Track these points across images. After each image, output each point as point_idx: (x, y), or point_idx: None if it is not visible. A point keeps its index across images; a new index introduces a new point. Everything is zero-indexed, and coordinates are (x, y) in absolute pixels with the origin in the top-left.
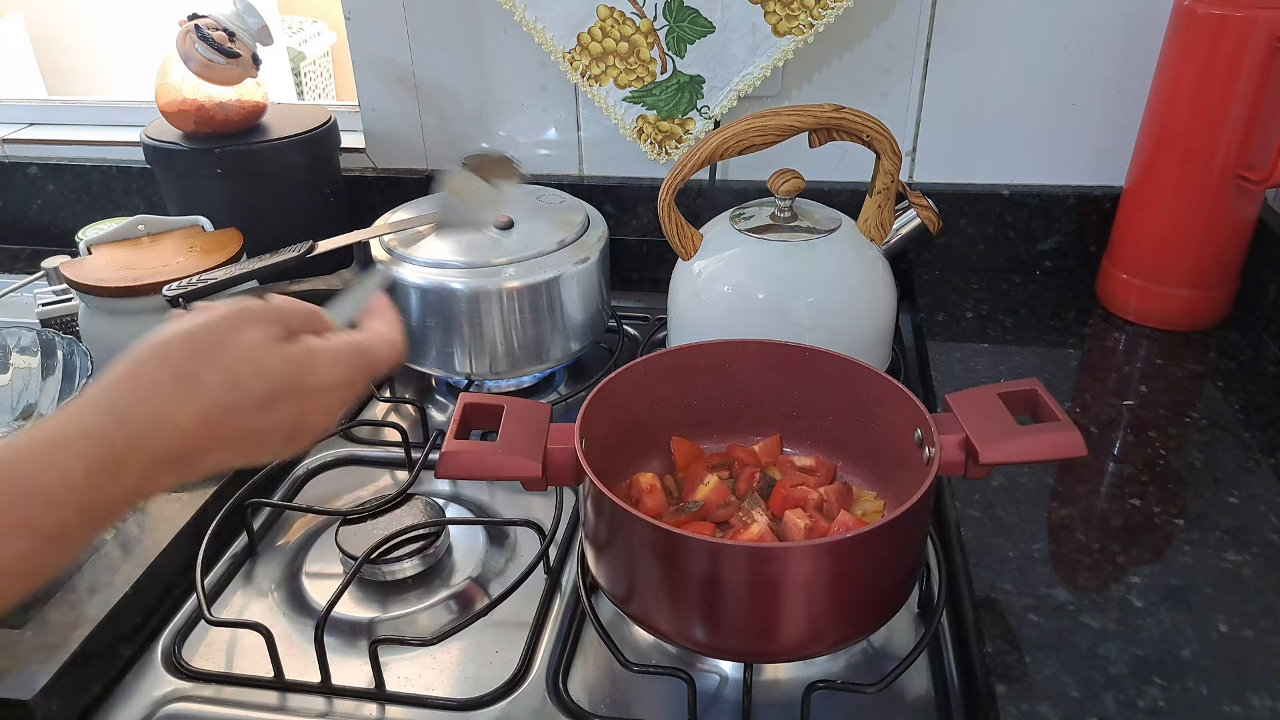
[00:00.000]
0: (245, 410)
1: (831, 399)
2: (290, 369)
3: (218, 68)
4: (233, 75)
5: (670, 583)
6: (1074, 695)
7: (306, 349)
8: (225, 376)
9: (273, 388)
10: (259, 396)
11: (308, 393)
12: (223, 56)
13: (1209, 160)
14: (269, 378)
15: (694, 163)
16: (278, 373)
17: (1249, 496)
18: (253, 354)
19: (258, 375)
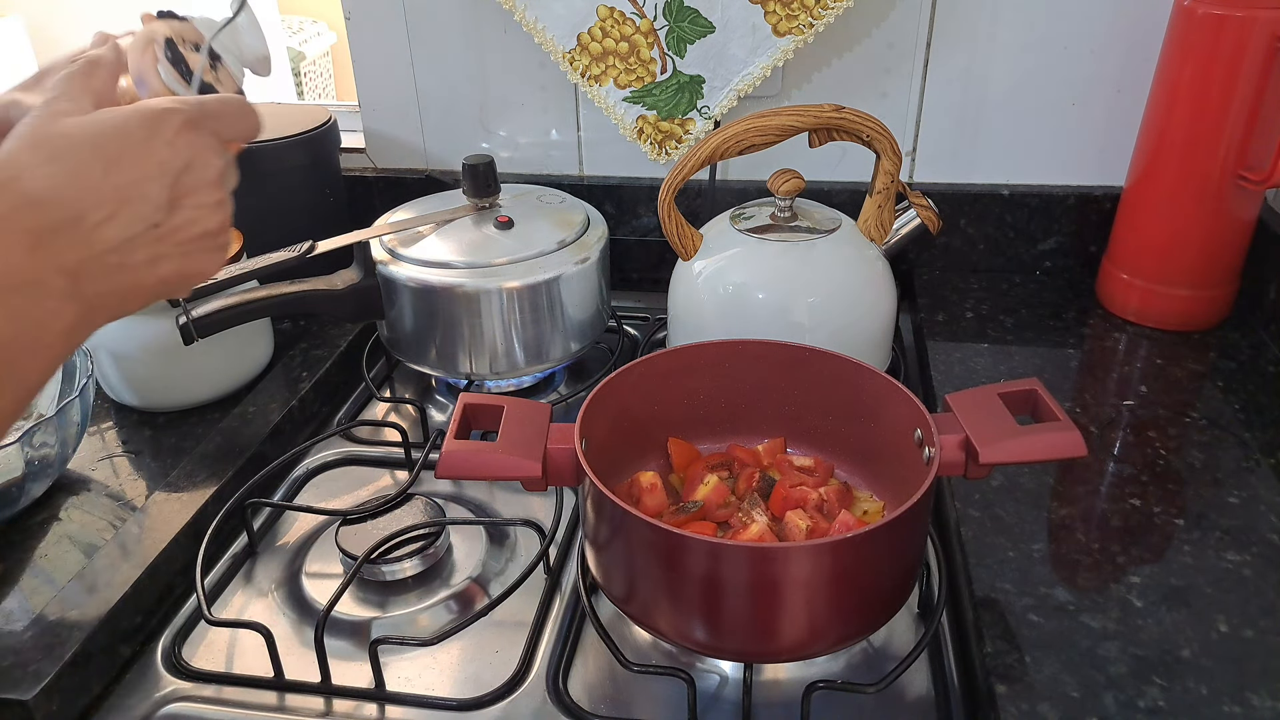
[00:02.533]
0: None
1: (831, 399)
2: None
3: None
4: None
5: (670, 583)
6: (1074, 695)
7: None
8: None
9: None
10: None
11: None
12: (188, 88)
13: (1209, 160)
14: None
15: (694, 163)
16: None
17: (1249, 496)
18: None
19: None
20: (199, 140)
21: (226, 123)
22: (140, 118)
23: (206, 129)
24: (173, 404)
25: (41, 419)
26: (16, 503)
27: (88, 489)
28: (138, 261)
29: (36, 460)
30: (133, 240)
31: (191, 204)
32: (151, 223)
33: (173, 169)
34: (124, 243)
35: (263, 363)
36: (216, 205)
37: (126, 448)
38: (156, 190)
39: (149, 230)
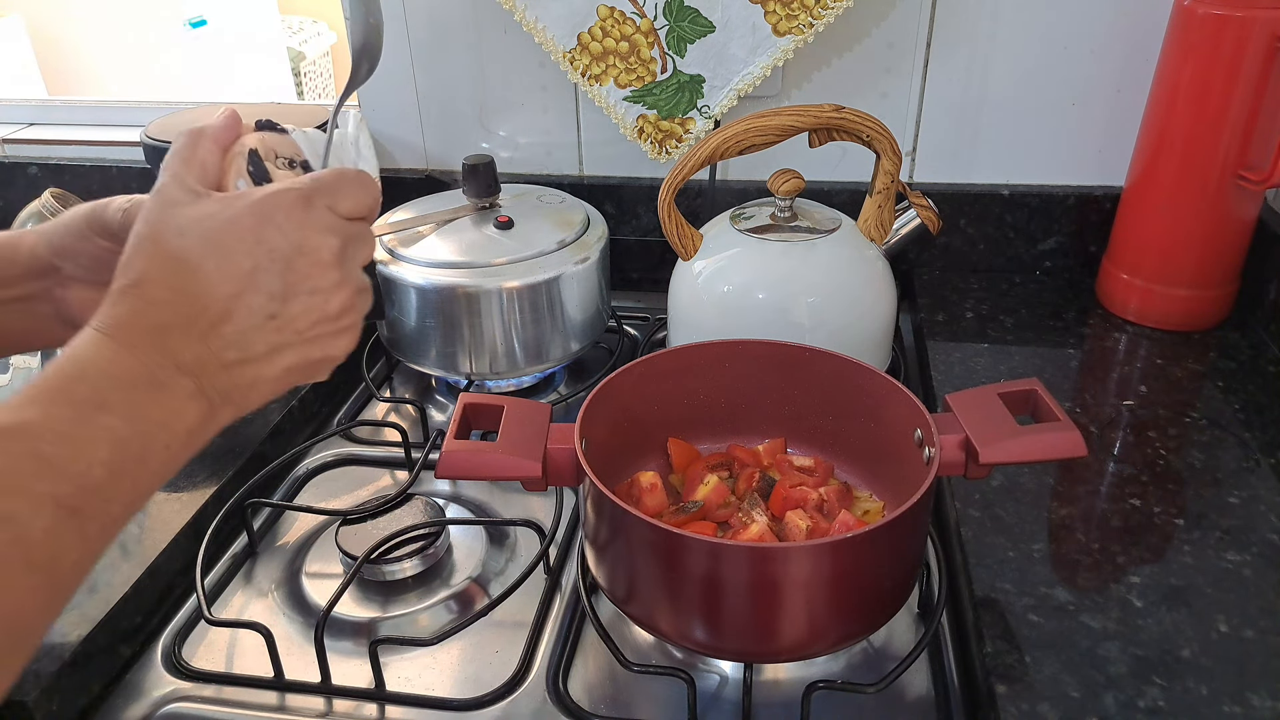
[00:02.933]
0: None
1: (831, 399)
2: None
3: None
4: None
5: (670, 583)
6: (1074, 695)
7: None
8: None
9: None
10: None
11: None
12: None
13: (1209, 160)
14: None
15: (694, 163)
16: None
17: (1249, 496)
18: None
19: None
20: (311, 219)
21: (342, 197)
22: (249, 206)
23: (319, 206)
24: None
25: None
26: None
27: None
28: (258, 354)
29: None
30: (250, 333)
31: (307, 289)
32: (267, 314)
33: (283, 255)
34: (241, 337)
35: None
36: (334, 286)
37: None
38: (269, 280)
39: (266, 322)
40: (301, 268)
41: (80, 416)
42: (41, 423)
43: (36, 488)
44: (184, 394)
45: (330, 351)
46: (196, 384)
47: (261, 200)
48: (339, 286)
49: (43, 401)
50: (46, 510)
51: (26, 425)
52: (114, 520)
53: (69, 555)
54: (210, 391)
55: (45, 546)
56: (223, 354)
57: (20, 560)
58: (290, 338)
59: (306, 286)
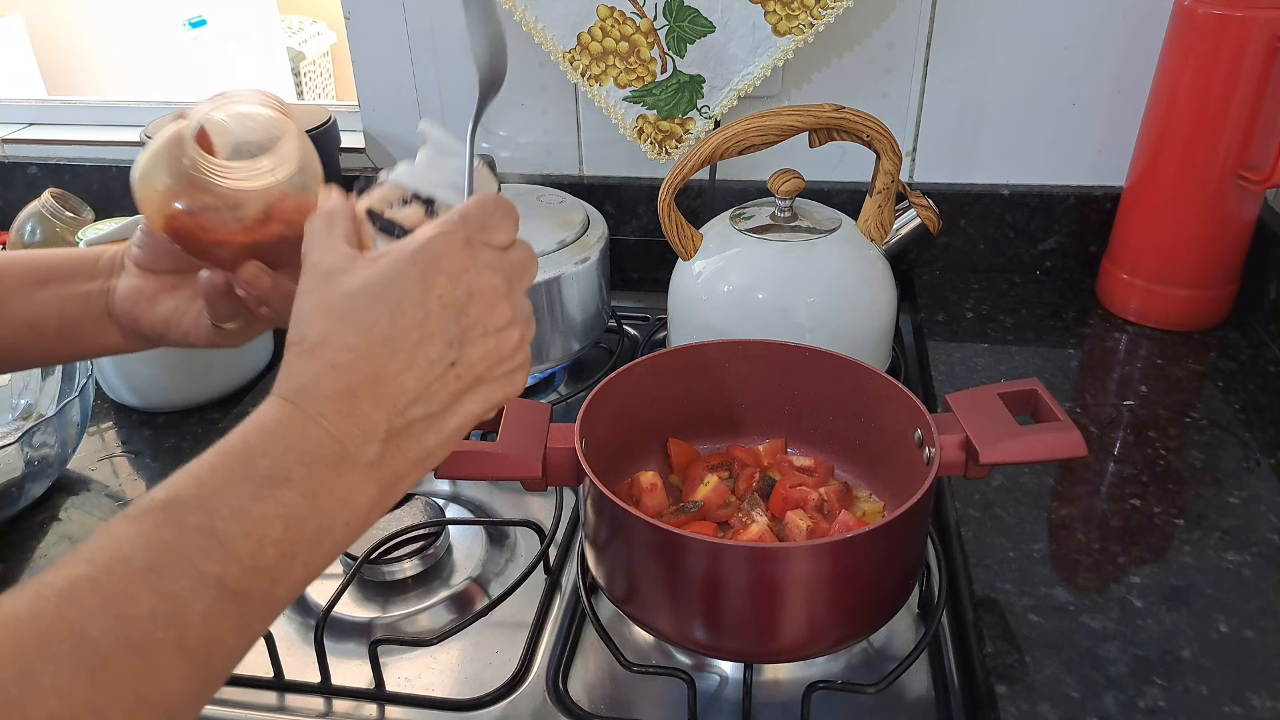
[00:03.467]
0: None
1: (831, 399)
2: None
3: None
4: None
5: (670, 583)
6: (1074, 695)
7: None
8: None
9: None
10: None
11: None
12: (383, 236)
13: (1209, 160)
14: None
15: (694, 163)
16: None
17: (1249, 496)
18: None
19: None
20: (474, 259)
21: (493, 228)
22: (411, 255)
23: (477, 244)
24: (173, 404)
25: (41, 419)
26: (16, 503)
27: (88, 489)
28: (442, 405)
29: (36, 460)
30: (434, 385)
31: (481, 330)
32: (447, 362)
33: (455, 300)
34: (425, 390)
35: (262, 363)
36: (507, 324)
37: (126, 448)
38: (445, 327)
39: (447, 371)
40: (474, 311)
41: (259, 493)
42: (219, 496)
43: (203, 566)
44: (366, 465)
45: (509, 390)
46: (383, 453)
47: (422, 248)
48: (511, 324)
49: (223, 471)
50: (209, 592)
51: (204, 498)
52: (277, 603)
53: (225, 641)
54: (397, 459)
55: (202, 630)
56: (409, 411)
57: (174, 644)
58: (470, 383)
59: (480, 329)
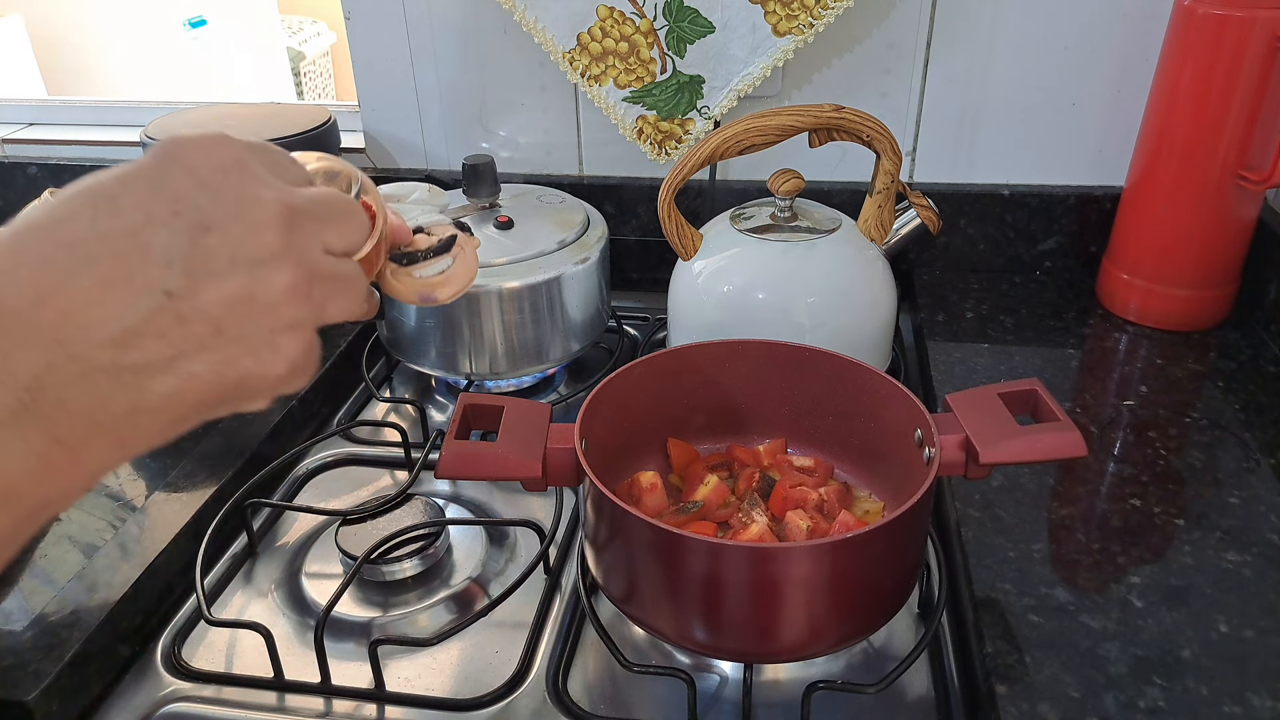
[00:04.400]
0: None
1: (831, 399)
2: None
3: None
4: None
5: (670, 583)
6: (1074, 695)
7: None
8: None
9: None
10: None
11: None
12: (444, 258)
13: (1209, 160)
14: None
15: (694, 163)
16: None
17: (1249, 496)
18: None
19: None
20: (243, 168)
21: (282, 162)
22: (157, 146)
23: (253, 159)
24: None
25: None
26: None
27: None
28: (144, 357)
29: None
30: (132, 321)
31: (228, 259)
32: (162, 289)
33: (197, 208)
34: (120, 327)
35: None
36: (273, 259)
37: None
38: (168, 239)
39: (162, 304)
40: (222, 231)
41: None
42: None
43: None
44: (4, 417)
45: (267, 365)
46: (26, 404)
47: (175, 139)
48: (278, 260)
49: None
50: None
51: None
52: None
53: None
54: (57, 415)
55: None
56: (90, 355)
57: None
58: (201, 333)
59: (226, 257)
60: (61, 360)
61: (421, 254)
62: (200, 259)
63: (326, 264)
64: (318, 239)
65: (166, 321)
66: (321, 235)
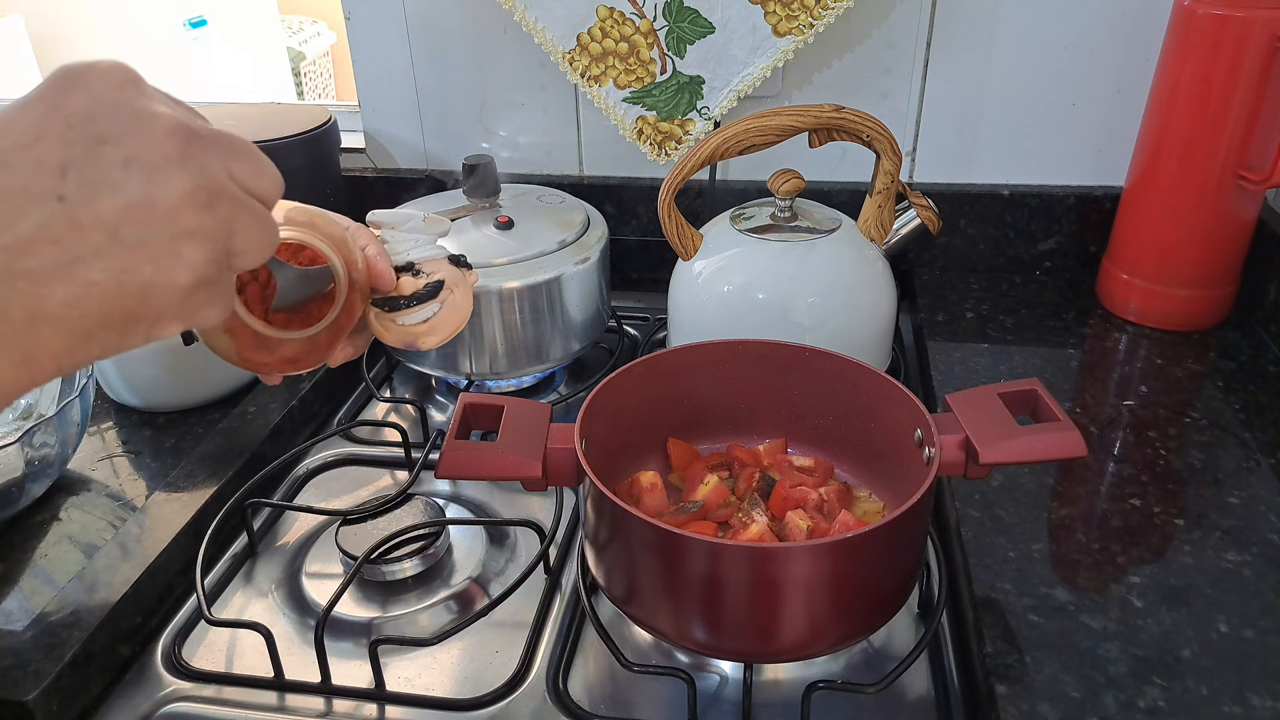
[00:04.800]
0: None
1: (831, 399)
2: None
3: (420, 324)
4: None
5: (670, 583)
6: (1074, 695)
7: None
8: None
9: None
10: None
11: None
12: (429, 305)
13: (1209, 160)
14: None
15: (694, 163)
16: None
17: (1249, 496)
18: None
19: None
20: (142, 89)
21: (180, 103)
22: (60, 70)
23: (152, 89)
24: (173, 404)
25: (41, 419)
26: (16, 503)
27: (88, 489)
28: (39, 264)
29: (36, 460)
30: (24, 227)
31: (122, 164)
32: (54, 195)
33: (92, 122)
34: (17, 239)
35: None
36: (166, 164)
37: (126, 448)
38: (60, 149)
39: (53, 208)
40: (119, 141)
41: None
42: None
43: None
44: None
45: (167, 271)
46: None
47: (74, 64)
48: (175, 168)
49: None
50: None
51: None
52: None
53: None
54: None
55: None
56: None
57: None
58: (97, 239)
59: (120, 163)
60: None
61: (405, 300)
62: (94, 167)
63: (230, 186)
64: (221, 163)
65: (61, 228)
66: (225, 161)
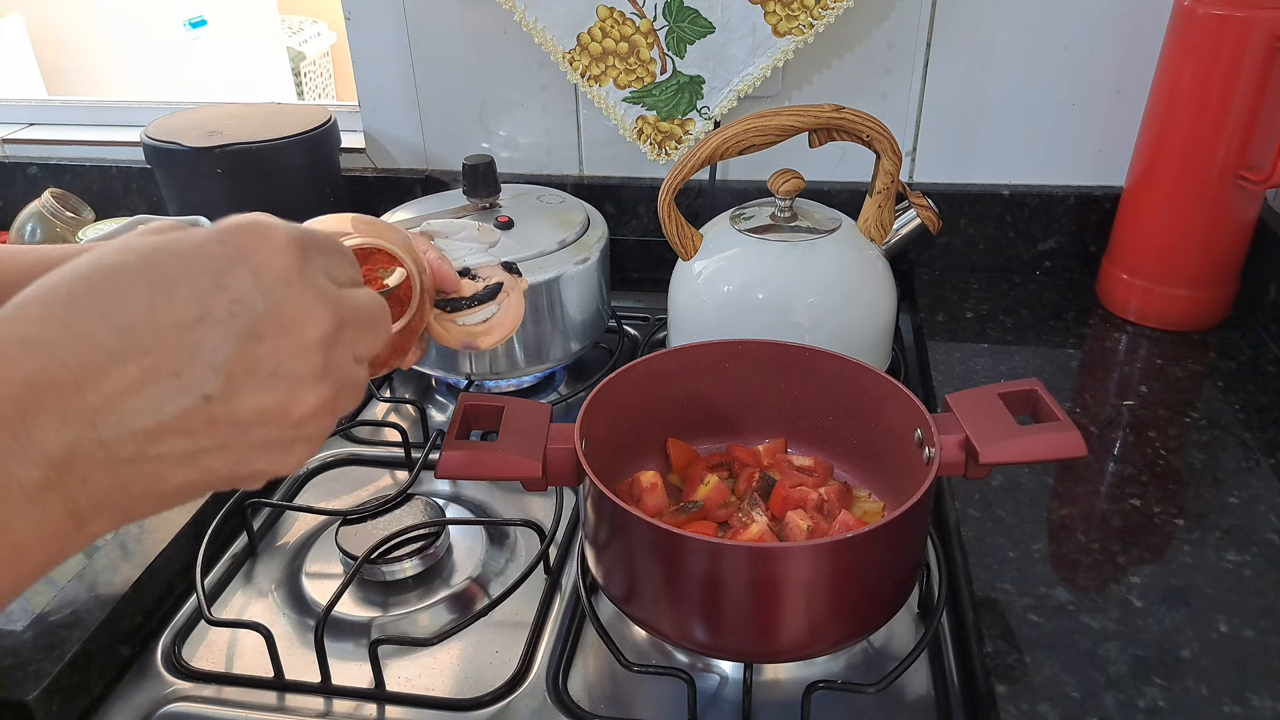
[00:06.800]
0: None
1: (831, 399)
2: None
3: (480, 323)
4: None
5: (670, 583)
6: (1074, 695)
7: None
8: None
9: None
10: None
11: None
12: (488, 306)
13: (1209, 160)
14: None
15: (694, 163)
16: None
17: (1249, 496)
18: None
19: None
20: (303, 273)
21: (336, 256)
22: (221, 230)
23: (315, 257)
24: None
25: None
26: None
27: None
28: (170, 451)
29: None
30: (170, 419)
31: (270, 371)
32: (202, 393)
33: (252, 312)
34: (154, 422)
35: None
36: (311, 378)
37: None
38: (219, 341)
39: (198, 406)
40: (272, 341)
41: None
42: None
43: None
44: (25, 491)
45: (274, 465)
46: (51, 483)
47: (241, 226)
48: (316, 380)
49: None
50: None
51: None
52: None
53: None
54: (80, 495)
55: None
56: (119, 443)
57: None
58: (226, 435)
59: (269, 369)
60: (92, 444)
61: (466, 301)
62: (244, 367)
63: (351, 374)
64: (351, 350)
65: (198, 422)
66: (355, 346)
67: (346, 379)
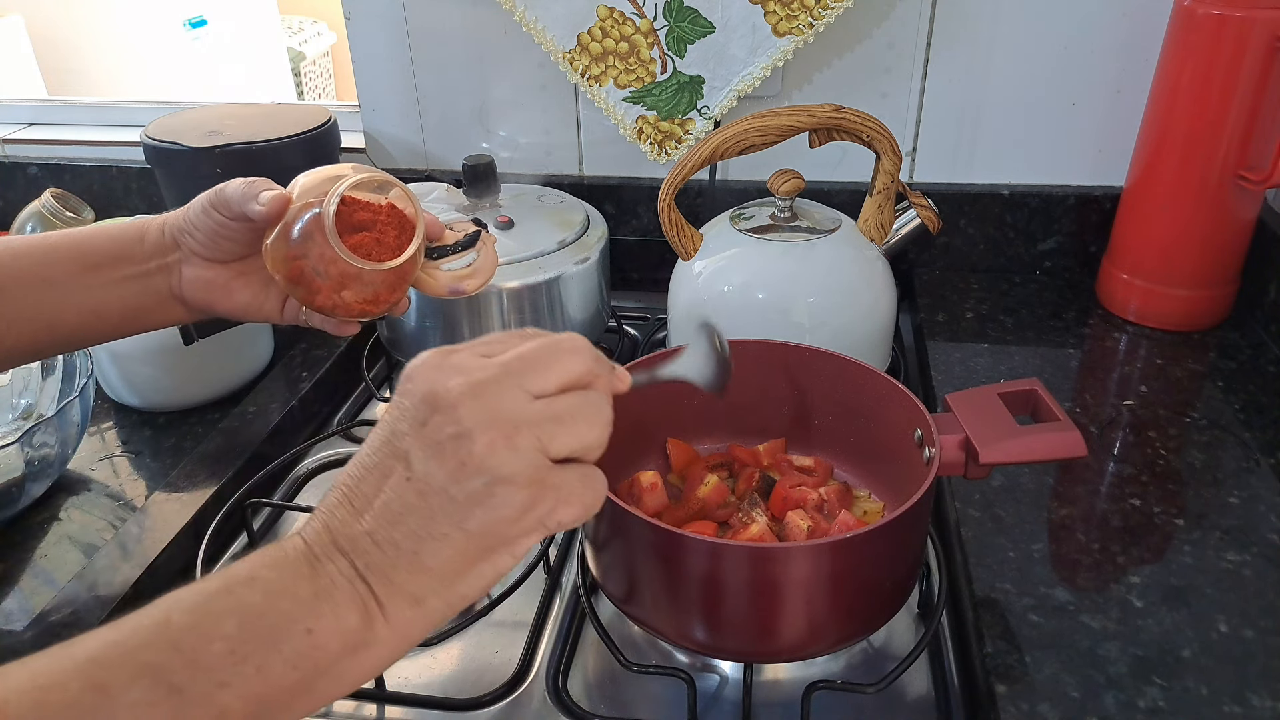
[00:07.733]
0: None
1: (831, 399)
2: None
3: (465, 268)
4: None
5: (670, 582)
6: (1074, 695)
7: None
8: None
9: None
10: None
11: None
12: (469, 253)
13: (1209, 160)
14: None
15: (694, 163)
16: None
17: (1249, 496)
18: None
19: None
20: (531, 421)
21: (542, 366)
22: (459, 397)
23: (513, 378)
24: (173, 404)
25: (41, 419)
26: (16, 503)
27: (88, 489)
28: (409, 532)
29: (36, 460)
30: (393, 502)
31: (471, 472)
32: (403, 476)
33: (485, 466)
34: (386, 505)
35: (263, 362)
36: (526, 536)
37: (126, 448)
38: (409, 447)
39: (403, 485)
40: (464, 449)
41: (224, 588)
42: (188, 593)
43: (141, 656)
44: (339, 575)
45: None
46: (345, 565)
47: (466, 394)
48: (532, 535)
49: (216, 576)
50: (142, 682)
51: (178, 594)
52: (222, 715)
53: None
54: (373, 578)
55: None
56: (380, 531)
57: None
58: (437, 502)
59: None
60: (355, 533)
61: (450, 248)
62: (427, 451)
63: (551, 478)
64: (542, 442)
65: (411, 495)
66: (548, 435)
67: (544, 478)
